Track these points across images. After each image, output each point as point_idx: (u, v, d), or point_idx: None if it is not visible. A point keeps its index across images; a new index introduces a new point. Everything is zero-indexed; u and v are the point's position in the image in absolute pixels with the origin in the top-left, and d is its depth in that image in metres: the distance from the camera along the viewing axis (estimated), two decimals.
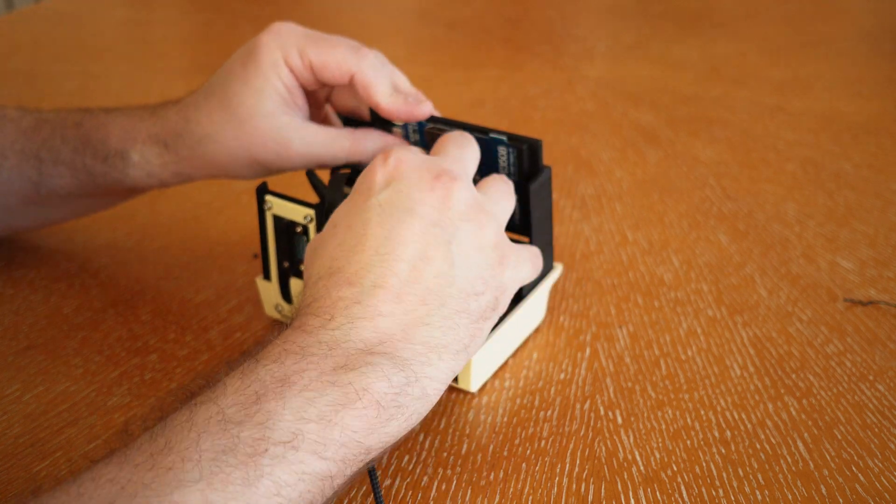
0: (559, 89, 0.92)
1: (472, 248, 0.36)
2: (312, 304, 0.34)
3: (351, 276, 0.34)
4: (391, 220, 0.35)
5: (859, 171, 0.71)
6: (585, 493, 0.37)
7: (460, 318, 0.35)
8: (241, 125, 0.45)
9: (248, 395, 0.29)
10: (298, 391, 0.30)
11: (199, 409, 0.29)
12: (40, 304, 0.52)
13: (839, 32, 1.15)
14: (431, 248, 0.35)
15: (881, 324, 0.49)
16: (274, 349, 0.32)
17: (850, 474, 0.38)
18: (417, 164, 0.37)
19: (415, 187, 0.36)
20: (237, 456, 0.27)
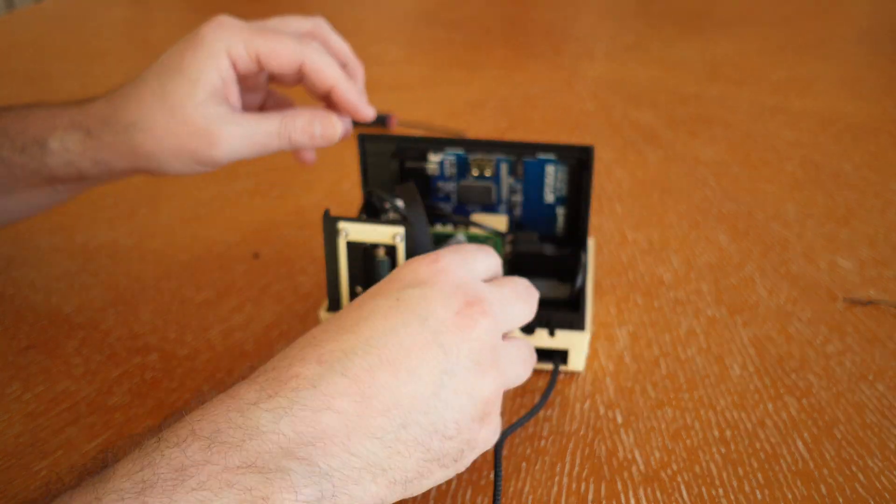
0: (559, 89, 0.92)
1: (464, 389, 0.32)
2: (268, 371, 0.30)
3: (324, 354, 0.30)
4: (399, 317, 0.32)
5: (859, 171, 0.71)
6: (585, 493, 0.37)
7: (416, 449, 0.30)
8: (171, 113, 0.44)
9: (134, 482, 0.25)
10: (191, 489, 0.25)
11: (76, 494, 0.25)
12: (41, 304, 0.52)
13: (839, 32, 1.15)
14: (423, 366, 0.31)
15: (881, 324, 0.49)
16: (184, 426, 0.28)
17: (850, 473, 0.38)
18: (459, 282, 0.34)
19: (442, 302, 0.33)
20: None
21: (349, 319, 0.32)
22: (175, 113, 0.44)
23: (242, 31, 0.45)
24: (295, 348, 0.32)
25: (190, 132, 0.44)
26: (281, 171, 0.72)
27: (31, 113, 0.47)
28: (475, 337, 0.32)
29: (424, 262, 0.34)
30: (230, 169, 0.73)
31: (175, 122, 0.44)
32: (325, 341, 0.31)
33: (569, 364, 0.45)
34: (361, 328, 0.31)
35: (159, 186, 0.69)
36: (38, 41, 1.07)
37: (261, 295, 0.53)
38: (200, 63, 0.44)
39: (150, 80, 0.45)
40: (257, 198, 0.67)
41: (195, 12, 1.24)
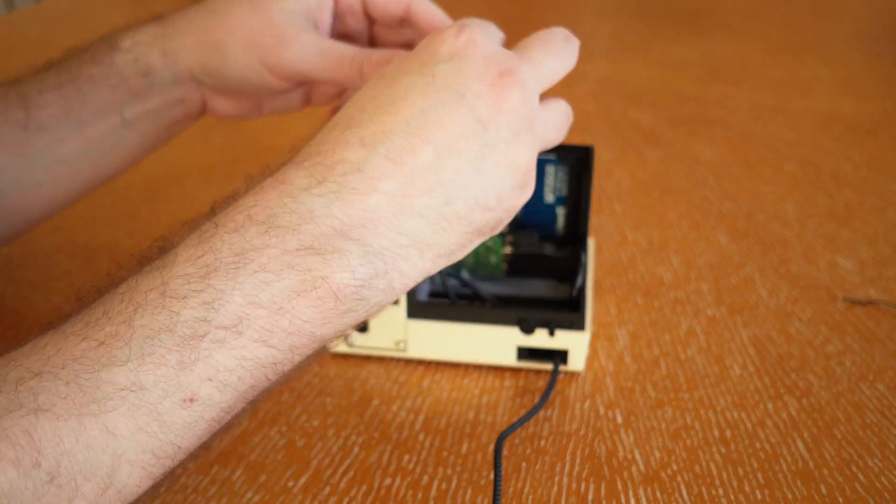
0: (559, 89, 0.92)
1: (503, 161, 0.32)
2: (313, 156, 0.30)
3: (366, 136, 0.31)
4: (436, 95, 0.32)
5: (859, 171, 0.71)
6: (585, 493, 0.37)
7: (459, 223, 0.31)
8: (255, 7, 0.43)
9: (198, 266, 0.27)
10: (253, 272, 0.27)
11: (143, 279, 0.27)
12: (41, 304, 0.52)
13: (839, 32, 1.15)
14: (464, 143, 0.31)
15: (881, 324, 0.49)
16: (240, 212, 0.29)
17: (850, 474, 0.38)
18: (488, 53, 0.33)
19: (475, 75, 0.32)
20: (174, 337, 0.26)
21: (385, 98, 0.32)
22: (259, 9, 0.43)
23: None
24: (335, 129, 0.31)
25: (265, 27, 0.43)
26: None
27: (106, 33, 0.47)
28: (511, 108, 0.32)
29: (451, 35, 0.33)
30: (229, 169, 0.72)
31: (254, 16, 0.43)
32: (364, 122, 0.31)
33: (569, 364, 0.45)
34: (399, 108, 0.31)
35: (159, 187, 0.69)
36: (38, 41, 1.07)
37: None
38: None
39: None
40: None
41: None
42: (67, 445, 0.24)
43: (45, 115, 0.45)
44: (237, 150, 0.77)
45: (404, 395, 0.44)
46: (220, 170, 0.73)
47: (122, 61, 0.45)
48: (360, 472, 0.38)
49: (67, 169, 0.46)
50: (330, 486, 0.37)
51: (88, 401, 0.24)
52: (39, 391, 0.24)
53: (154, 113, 0.47)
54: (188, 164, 0.74)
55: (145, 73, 0.45)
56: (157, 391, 0.25)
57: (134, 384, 0.25)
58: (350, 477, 0.38)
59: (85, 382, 0.24)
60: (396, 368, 0.46)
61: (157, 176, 0.71)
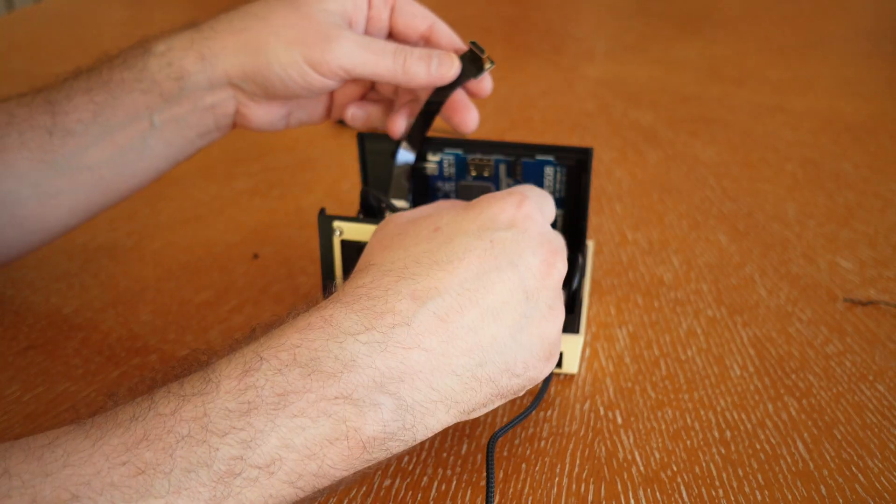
0: (559, 89, 0.92)
1: (537, 332, 0.34)
2: (363, 299, 0.31)
3: (419, 291, 0.32)
4: (493, 261, 0.33)
5: (859, 171, 0.71)
6: (585, 493, 0.37)
7: (487, 385, 0.33)
8: (296, 9, 0.44)
9: (240, 402, 0.28)
10: (291, 415, 0.28)
11: (185, 406, 0.28)
12: (40, 304, 0.52)
13: (839, 32, 1.15)
14: (508, 310, 0.33)
15: (881, 324, 0.49)
16: (286, 350, 0.29)
17: (850, 474, 0.38)
18: (542, 230, 0.36)
19: (531, 250, 0.34)
20: (210, 472, 0.27)
21: (442, 255, 0.33)
22: (300, 10, 0.44)
23: None
24: (388, 275, 0.32)
25: (308, 25, 0.44)
26: (281, 171, 0.72)
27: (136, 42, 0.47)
28: (553, 285, 0.35)
29: (510, 204, 0.35)
30: (229, 169, 0.72)
31: (296, 15, 0.44)
32: (418, 276, 0.32)
33: (563, 367, 0.44)
34: (456, 268, 0.33)
35: (159, 187, 0.69)
36: (38, 41, 1.07)
37: (260, 295, 0.53)
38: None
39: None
40: (257, 198, 0.67)
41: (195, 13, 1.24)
42: None
43: (73, 119, 0.45)
44: (237, 151, 0.77)
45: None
46: (220, 170, 0.73)
47: (155, 65, 0.45)
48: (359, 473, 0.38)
49: (90, 176, 0.46)
50: None
51: None
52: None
53: (183, 119, 0.46)
54: (188, 164, 0.74)
55: (179, 76, 0.45)
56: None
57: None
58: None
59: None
60: None
61: None
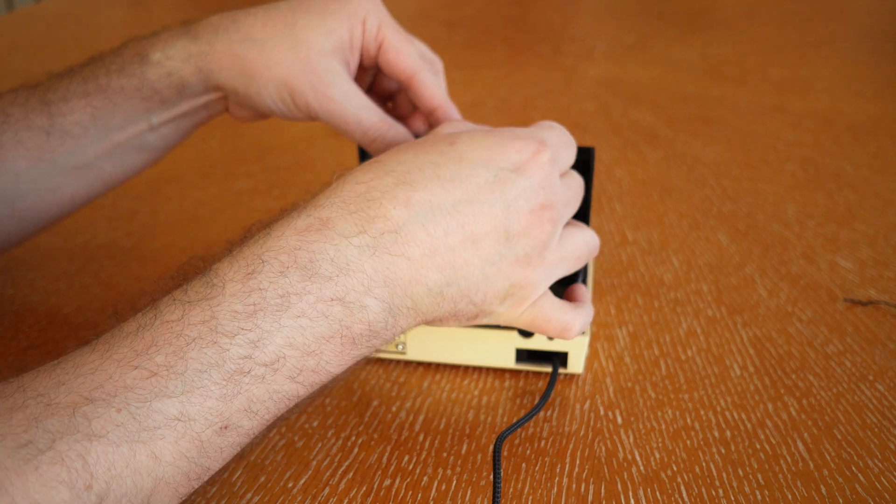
0: (559, 89, 0.92)
1: (505, 272, 0.35)
2: (360, 198, 0.33)
3: (413, 199, 0.33)
4: (489, 195, 0.34)
5: (859, 171, 0.71)
6: (585, 493, 0.37)
7: (447, 303, 0.35)
8: (294, 47, 0.45)
9: (245, 304, 0.29)
10: (294, 316, 0.30)
11: (192, 311, 0.29)
12: (40, 304, 0.52)
13: (839, 32, 1.15)
14: (486, 242, 0.34)
15: (881, 324, 0.49)
16: (286, 252, 0.31)
17: (850, 474, 0.38)
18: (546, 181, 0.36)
19: (525, 197, 0.35)
20: (221, 371, 0.28)
21: (446, 171, 0.34)
22: (299, 49, 0.45)
23: (384, 13, 0.47)
24: (389, 175, 0.34)
25: (302, 69, 0.44)
26: (280, 171, 0.72)
27: (128, 42, 0.47)
28: (536, 235, 0.36)
29: (527, 148, 0.36)
30: (229, 169, 0.72)
31: (293, 56, 0.45)
32: (417, 184, 0.33)
33: (568, 367, 0.44)
34: (455, 188, 0.34)
35: (159, 187, 0.69)
36: (38, 41, 1.06)
37: None
38: (340, 17, 0.45)
39: (283, 10, 0.46)
40: (257, 198, 0.67)
41: (196, 12, 1.24)
42: (118, 470, 0.25)
43: (71, 121, 0.46)
44: (237, 150, 0.77)
45: (404, 396, 0.44)
46: (221, 170, 0.73)
47: (155, 75, 0.46)
48: (359, 473, 0.38)
49: (88, 173, 0.48)
50: (329, 486, 0.37)
51: (140, 429, 0.26)
52: (93, 417, 0.25)
53: (181, 117, 0.48)
54: (188, 164, 0.74)
55: (179, 86, 0.46)
56: (201, 421, 0.27)
57: (182, 415, 0.27)
58: (350, 478, 0.38)
59: (136, 411, 0.26)
60: (396, 369, 0.46)
61: (157, 176, 0.71)
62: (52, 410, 0.25)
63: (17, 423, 0.25)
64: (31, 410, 0.25)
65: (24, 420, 0.25)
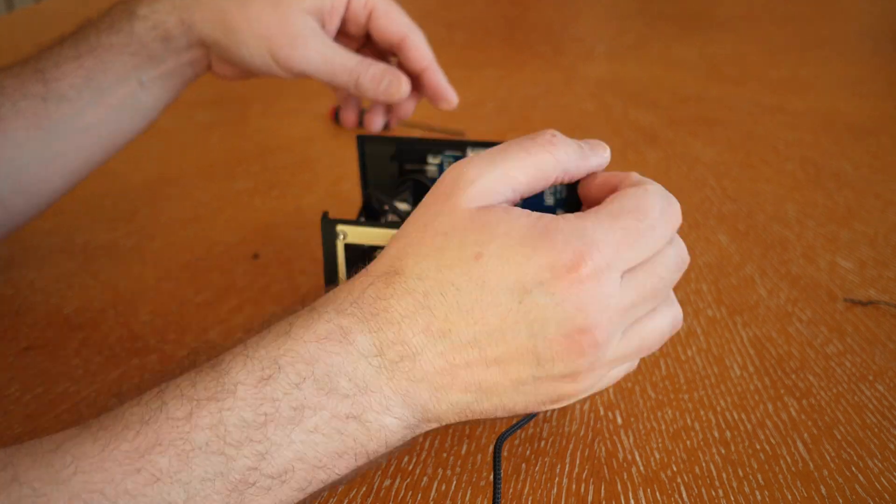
0: (559, 89, 0.92)
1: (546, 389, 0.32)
2: (379, 317, 0.31)
3: (433, 326, 0.31)
4: (514, 325, 0.30)
5: (859, 171, 0.71)
6: (585, 494, 0.37)
7: (475, 415, 0.33)
8: (275, 3, 0.46)
9: (256, 414, 0.28)
10: (307, 430, 0.29)
11: (200, 412, 0.28)
12: (40, 305, 0.52)
13: (839, 32, 1.15)
14: (514, 367, 0.31)
15: (881, 324, 0.49)
16: (303, 362, 0.29)
17: (850, 474, 0.38)
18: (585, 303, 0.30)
19: (556, 323, 0.30)
20: (225, 481, 0.27)
21: (467, 298, 0.30)
22: (279, 5, 0.46)
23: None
24: (410, 296, 0.31)
25: (280, 25, 0.46)
26: (280, 171, 0.72)
27: (116, 2, 0.49)
28: (574, 360, 0.31)
29: (562, 264, 0.30)
30: (229, 169, 0.72)
31: (272, 11, 0.46)
32: (436, 310, 0.31)
33: None
34: (475, 319, 0.30)
35: (159, 187, 0.69)
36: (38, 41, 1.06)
37: (261, 295, 0.53)
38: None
39: None
40: (257, 198, 0.67)
41: None
42: None
43: (65, 85, 0.46)
44: (237, 150, 0.77)
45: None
46: (221, 170, 0.73)
47: (141, 28, 0.47)
48: (359, 473, 0.38)
49: (87, 137, 0.48)
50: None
51: None
52: None
53: (169, 75, 0.49)
54: (188, 165, 0.74)
55: (164, 38, 0.47)
56: None
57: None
58: None
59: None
60: None
61: (157, 176, 0.71)
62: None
63: None
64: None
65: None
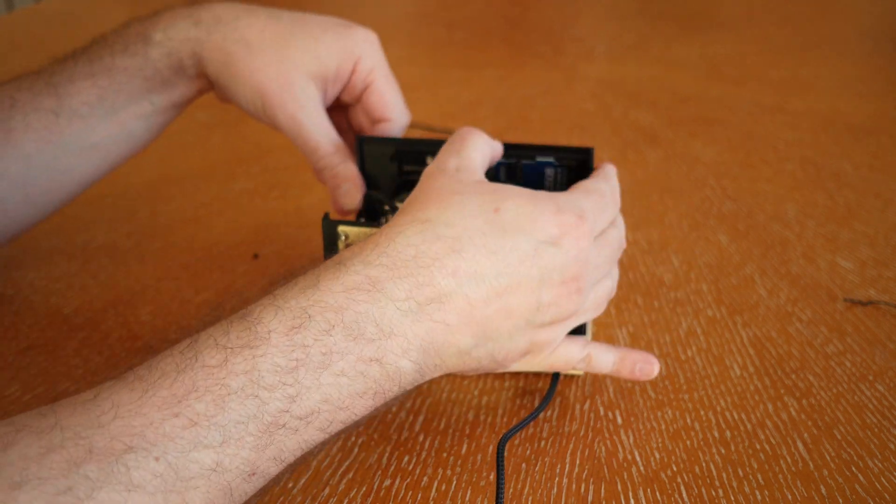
0: (559, 89, 0.92)
1: (533, 337, 0.37)
2: (410, 262, 0.33)
3: (461, 269, 0.34)
4: (529, 269, 0.35)
5: (859, 171, 0.71)
6: (585, 493, 0.37)
7: (472, 361, 0.36)
8: (280, 61, 0.46)
9: (289, 360, 0.30)
10: (334, 374, 0.30)
11: (234, 358, 0.29)
12: (40, 304, 0.52)
13: (839, 32, 1.15)
14: (518, 312, 0.35)
15: (881, 324, 0.49)
16: (331, 306, 0.31)
17: (850, 474, 0.38)
18: (581, 256, 0.37)
19: (559, 268, 0.36)
20: (258, 423, 0.28)
21: (492, 241, 0.35)
22: (283, 64, 0.46)
23: (379, 57, 0.49)
24: (440, 241, 0.34)
25: (280, 84, 0.46)
26: (280, 171, 0.72)
27: (130, 23, 0.49)
28: (564, 305, 0.37)
29: (566, 223, 0.36)
30: (229, 169, 0.72)
31: (276, 68, 0.46)
32: (465, 252, 0.34)
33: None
34: (499, 260, 0.35)
35: (159, 187, 0.69)
36: (38, 41, 1.06)
37: (261, 295, 0.52)
38: (332, 50, 0.47)
39: (284, 21, 0.48)
40: (257, 198, 0.67)
41: None
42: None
43: (78, 102, 0.47)
44: (237, 151, 0.77)
45: (404, 396, 0.44)
46: (221, 170, 0.73)
47: (156, 54, 0.48)
48: (359, 473, 0.38)
49: (95, 153, 0.49)
50: (329, 486, 0.37)
51: (176, 479, 0.26)
52: (133, 467, 0.26)
53: (178, 99, 0.50)
54: (188, 165, 0.74)
55: (177, 67, 0.48)
56: (234, 471, 0.28)
57: (218, 465, 0.27)
58: (350, 478, 0.38)
59: (175, 461, 0.26)
60: None
61: (157, 176, 0.71)
62: (93, 456, 0.25)
63: (56, 467, 0.24)
64: (69, 453, 0.25)
65: (64, 464, 0.25)
